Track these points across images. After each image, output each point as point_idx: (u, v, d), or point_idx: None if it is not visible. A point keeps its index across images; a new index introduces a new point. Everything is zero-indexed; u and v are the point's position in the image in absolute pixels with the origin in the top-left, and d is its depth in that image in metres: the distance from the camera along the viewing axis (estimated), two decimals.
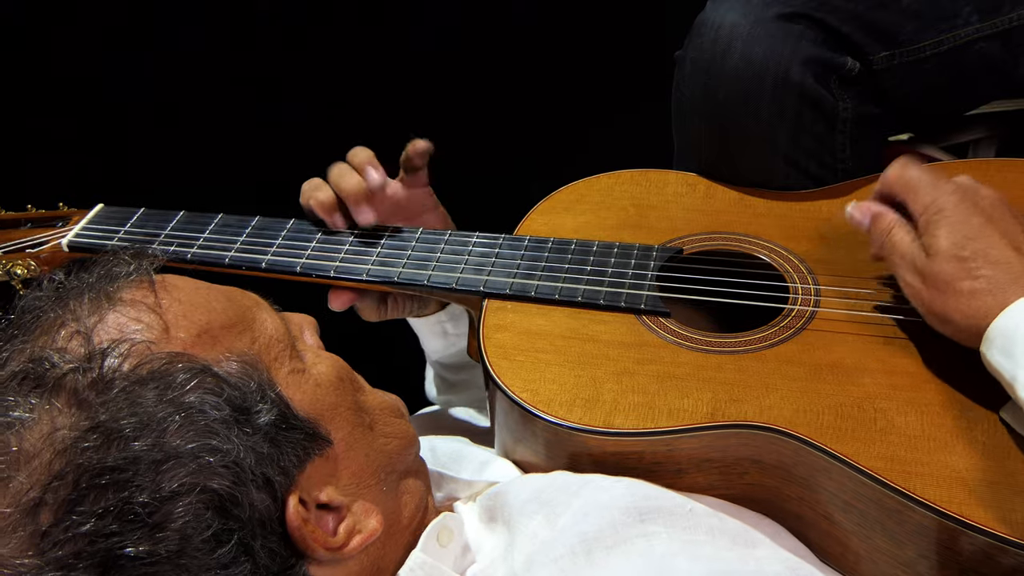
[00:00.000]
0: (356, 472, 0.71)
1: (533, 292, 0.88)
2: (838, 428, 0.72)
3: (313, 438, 0.68)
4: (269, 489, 0.63)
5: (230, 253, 0.96)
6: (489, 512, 0.77)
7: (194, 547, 0.59)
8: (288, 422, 0.66)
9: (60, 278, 0.70)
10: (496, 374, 0.81)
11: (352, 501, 0.69)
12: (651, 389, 0.77)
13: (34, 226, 1.04)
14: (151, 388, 0.62)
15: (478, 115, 1.67)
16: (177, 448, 0.60)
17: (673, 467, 0.76)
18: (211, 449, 0.61)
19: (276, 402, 0.66)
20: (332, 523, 0.68)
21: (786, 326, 0.81)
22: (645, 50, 1.31)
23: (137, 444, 0.59)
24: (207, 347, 0.67)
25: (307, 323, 0.79)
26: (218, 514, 0.60)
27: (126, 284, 0.69)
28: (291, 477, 0.65)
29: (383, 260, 0.94)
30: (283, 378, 0.69)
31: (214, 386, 0.64)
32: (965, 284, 0.70)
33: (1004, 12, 1.02)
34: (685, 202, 0.97)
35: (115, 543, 0.57)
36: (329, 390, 0.72)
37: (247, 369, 0.67)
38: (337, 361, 0.76)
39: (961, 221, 0.73)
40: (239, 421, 0.63)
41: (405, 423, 0.79)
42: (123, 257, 0.71)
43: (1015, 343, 0.66)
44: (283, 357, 0.71)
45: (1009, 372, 0.66)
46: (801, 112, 0.97)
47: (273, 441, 0.64)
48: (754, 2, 0.98)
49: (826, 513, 0.73)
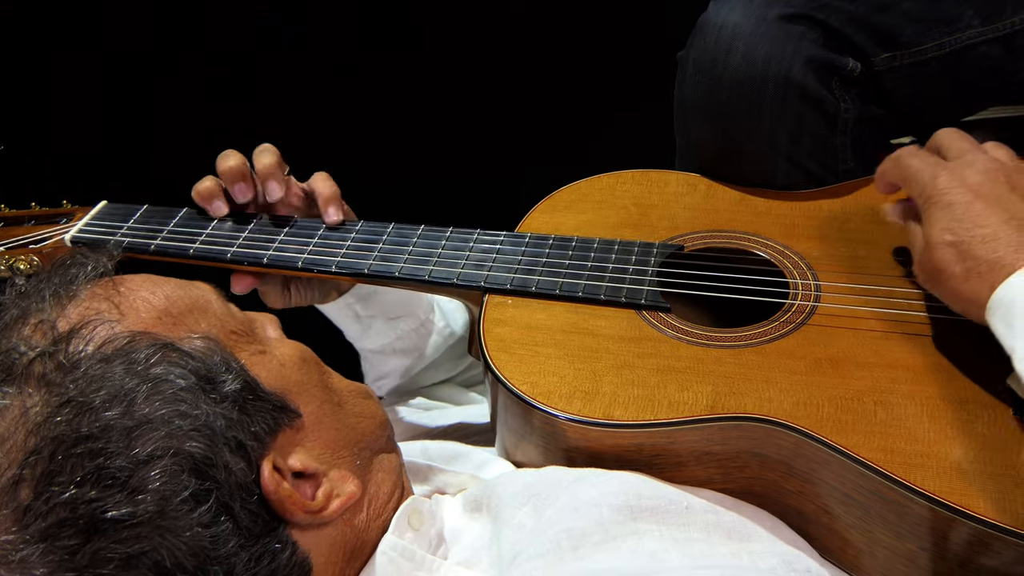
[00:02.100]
0: (328, 443, 0.73)
1: (534, 287, 0.88)
2: (838, 421, 0.72)
3: (282, 410, 0.70)
4: (242, 453, 0.65)
5: (232, 249, 0.96)
6: (474, 503, 0.77)
7: (173, 508, 0.60)
8: (255, 393, 0.68)
9: (21, 282, 0.72)
10: (496, 367, 0.81)
11: (328, 469, 0.71)
12: (651, 382, 0.77)
13: (37, 223, 1.04)
14: (117, 364, 0.64)
15: (481, 114, 1.68)
16: (148, 415, 0.62)
17: (673, 460, 0.76)
18: (181, 414, 0.63)
19: (240, 373, 0.68)
20: (310, 490, 0.69)
21: (786, 321, 0.81)
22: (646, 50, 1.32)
23: (108, 414, 0.61)
24: (168, 328, 0.70)
25: (269, 320, 0.81)
26: (194, 475, 0.62)
27: (84, 282, 0.71)
28: (263, 443, 0.67)
29: (385, 256, 0.94)
30: (246, 359, 0.71)
31: (178, 359, 0.66)
32: (958, 268, 0.70)
33: (1006, 16, 1.02)
34: (686, 201, 0.97)
35: (96, 508, 0.58)
36: (293, 369, 0.74)
37: (210, 344, 0.69)
38: (300, 345, 0.78)
39: (948, 204, 0.72)
40: (205, 390, 0.65)
41: (375, 404, 0.81)
42: (79, 258, 0.74)
43: (1013, 314, 0.65)
44: (243, 341, 0.73)
45: (1008, 343, 0.66)
46: (802, 112, 0.97)
47: (242, 409, 0.66)
48: (756, 3, 0.98)
49: (826, 507, 0.73)
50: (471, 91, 1.68)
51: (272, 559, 0.65)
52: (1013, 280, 0.66)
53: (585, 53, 1.67)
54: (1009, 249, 0.68)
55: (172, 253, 0.97)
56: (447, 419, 1.04)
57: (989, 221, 0.70)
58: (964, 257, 0.70)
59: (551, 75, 1.67)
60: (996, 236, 0.69)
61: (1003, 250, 0.68)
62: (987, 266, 0.68)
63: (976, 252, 0.69)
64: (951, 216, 0.72)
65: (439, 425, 1.02)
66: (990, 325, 0.68)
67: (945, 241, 0.71)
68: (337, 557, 0.70)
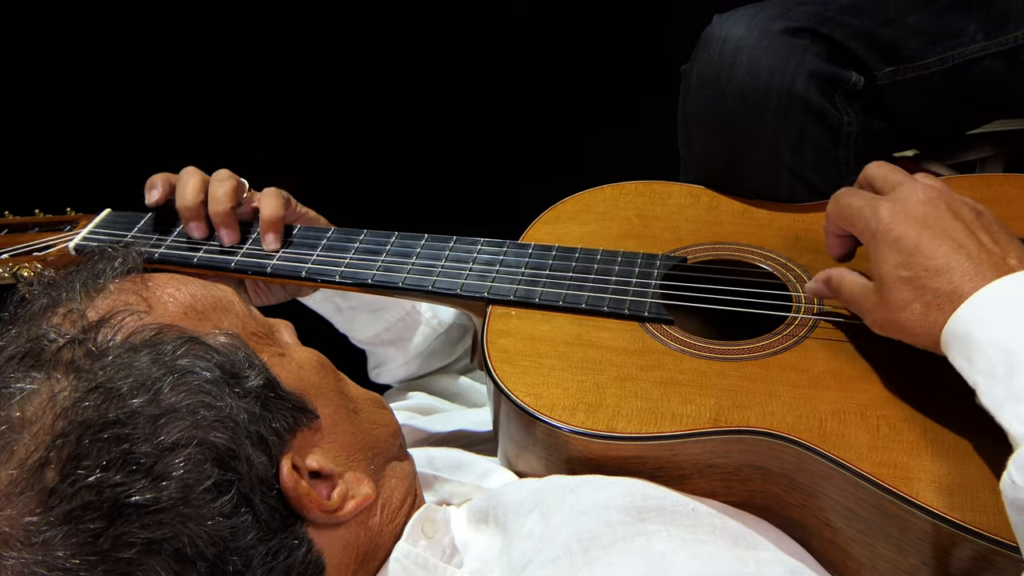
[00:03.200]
0: (344, 446, 0.73)
1: (537, 299, 0.88)
2: (841, 434, 0.72)
3: (301, 410, 0.71)
4: (264, 447, 0.66)
5: (236, 258, 0.97)
6: (480, 514, 0.77)
7: (196, 496, 0.61)
8: (276, 391, 0.69)
9: (51, 273, 0.74)
10: (499, 378, 0.81)
11: (344, 470, 0.72)
12: (654, 394, 0.77)
13: (41, 230, 1.05)
14: (144, 354, 0.65)
15: (485, 126, 1.68)
16: (173, 404, 0.63)
17: (676, 473, 0.76)
18: (205, 405, 0.64)
19: (263, 370, 0.69)
20: (326, 491, 0.70)
21: (789, 334, 0.82)
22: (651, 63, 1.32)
23: (135, 401, 0.62)
24: (194, 322, 0.71)
25: (284, 326, 0.82)
26: (217, 465, 0.63)
27: (113, 275, 0.72)
28: (283, 440, 0.68)
29: (388, 266, 0.94)
30: (267, 359, 0.72)
31: (203, 352, 0.67)
32: (918, 304, 0.69)
33: (1009, 31, 1.03)
34: (689, 213, 0.98)
35: (120, 492, 0.59)
36: (312, 372, 0.75)
37: (234, 341, 0.70)
38: (317, 352, 0.79)
39: (896, 239, 0.71)
40: (229, 384, 0.66)
41: (388, 413, 0.82)
42: (110, 252, 0.75)
43: (970, 347, 0.64)
44: (263, 343, 0.74)
45: (971, 378, 0.65)
46: (805, 125, 0.97)
47: (264, 405, 0.67)
48: (760, 17, 0.99)
49: (828, 520, 0.73)
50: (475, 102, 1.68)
51: (288, 555, 0.66)
52: (961, 312, 0.65)
53: (589, 65, 1.67)
54: (964, 278, 0.67)
55: (176, 262, 0.97)
56: (450, 425, 1.04)
57: (939, 251, 0.69)
58: (921, 292, 0.68)
59: (556, 86, 1.68)
60: (949, 266, 0.68)
61: (958, 279, 0.67)
62: (945, 298, 0.67)
63: (932, 285, 0.68)
64: (901, 251, 0.70)
65: (443, 432, 1.03)
66: (950, 359, 0.67)
67: (900, 277, 0.70)
68: (350, 559, 0.71)
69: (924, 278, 0.68)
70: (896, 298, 0.70)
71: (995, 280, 0.66)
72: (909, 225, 0.71)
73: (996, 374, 0.62)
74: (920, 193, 0.73)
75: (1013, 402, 0.61)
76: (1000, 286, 0.65)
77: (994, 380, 0.62)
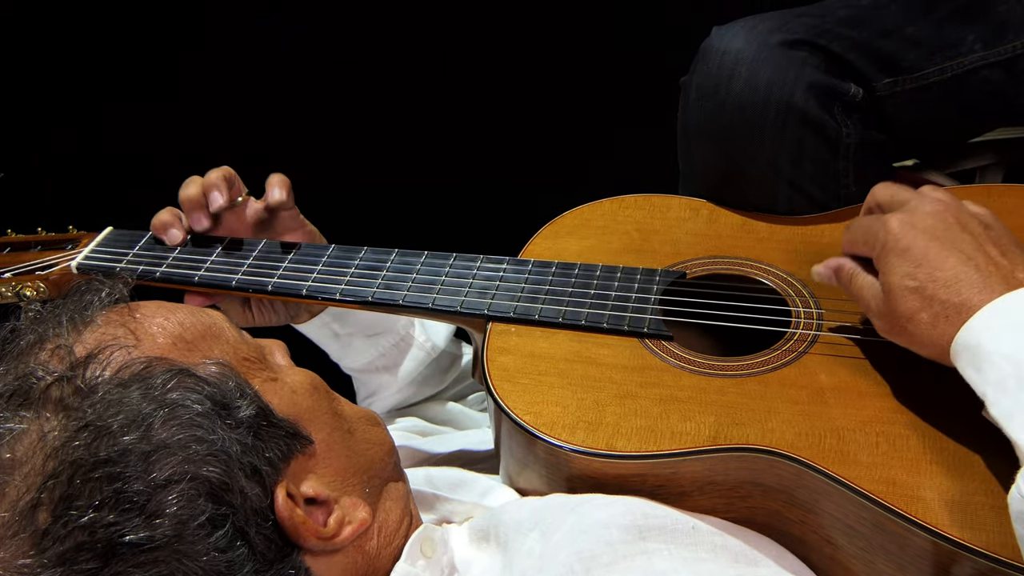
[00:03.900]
0: (339, 471, 0.73)
1: (537, 315, 0.88)
2: (840, 452, 0.72)
3: (294, 436, 0.70)
4: (258, 478, 0.66)
5: (237, 276, 0.97)
6: (481, 532, 0.77)
7: (190, 532, 0.61)
8: (268, 419, 0.69)
9: (37, 307, 0.74)
10: (499, 396, 0.81)
11: (339, 496, 0.72)
12: (654, 412, 0.78)
13: (44, 248, 1.05)
14: (134, 389, 0.64)
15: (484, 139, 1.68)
16: (165, 440, 0.62)
17: (676, 490, 0.76)
18: (197, 439, 0.63)
19: (255, 399, 0.69)
20: (322, 517, 0.70)
21: (788, 350, 0.82)
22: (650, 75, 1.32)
23: (126, 438, 0.61)
24: (183, 354, 0.70)
25: (277, 346, 0.82)
26: (211, 500, 0.62)
27: (100, 308, 0.72)
28: (277, 469, 0.68)
29: (388, 283, 0.94)
30: (259, 385, 0.72)
31: (193, 384, 0.66)
32: (925, 314, 0.69)
33: (1008, 40, 1.03)
34: (688, 226, 0.98)
35: (114, 532, 0.59)
36: (305, 396, 0.75)
37: (224, 370, 0.69)
38: (310, 373, 0.79)
39: (904, 250, 0.71)
40: (221, 415, 0.66)
41: (382, 430, 0.81)
42: (95, 284, 0.74)
43: (980, 358, 0.65)
44: (255, 368, 0.74)
45: (980, 389, 0.65)
46: (804, 137, 0.97)
47: (256, 435, 0.67)
48: (759, 29, 0.99)
49: (828, 537, 0.73)
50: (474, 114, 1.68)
51: None
52: (973, 323, 0.66)
53: (588, 78, 1.67)
54: (973, 291, 0.68)
55: (177, 280, 0.98)
56: (449, 446, 1.04)
57: (948, 263, 0.69)
58: (930, 302, 0.69)
59: (555, 99, 1.68)
60: (957, 278, 0.69)
61: (967, 292, 0.68)
62: (954, 309, 0.68)
63: (940, 296, 0.69)
64: (909, 261, 0.71)
65: (442, 452, 1.03)
66: (959, 369, 0.68)
67: (907, 287, 0.70)
68: None
69: (932, 289, 0.69)
70: (903, 308, 0.71)
71: (1005, 293, 0.66)
72: (917, 236, 0.72)
73: (1006, 386, 0.63)
74: (929, 205, 0.74)
75: (1022, 413, 0.62)
76: (1011, 299, 0.66)
77: (1004, 391, 0.63)
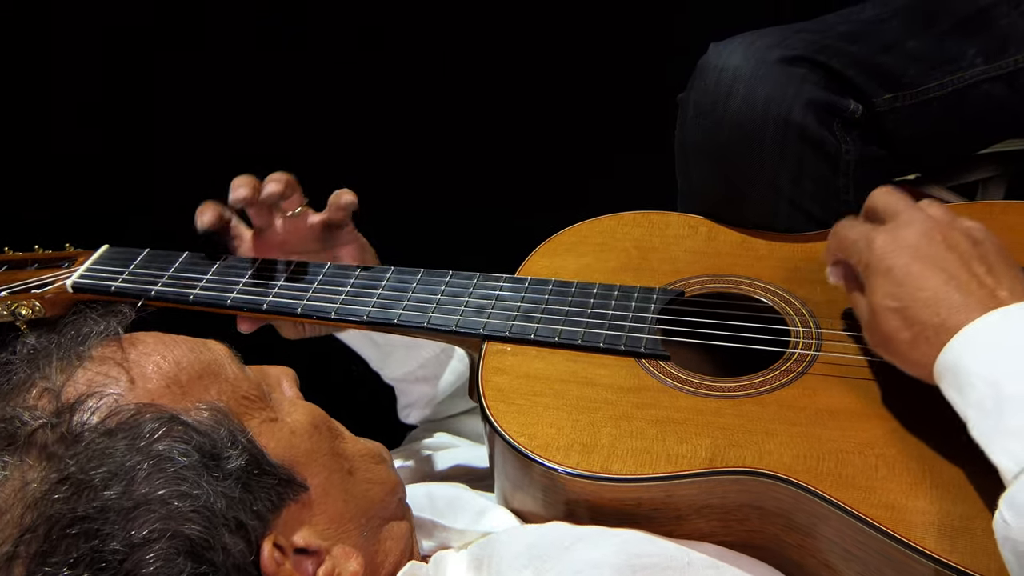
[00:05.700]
0: (334, 517, 0.71)
1: (533, 335, 0.87)
2: (838, 475, 0.71)
3: (288, 484, 0.69)
4: (242, 533, 0.64)
5: (232, 294, 0.96)
6: (476, 561, 0.76)
7: None
8: (260, 467, 0.67)
9: (32, 342, 0.72)
10: (494, 418, 0.80)
11: (331, 545, 0.70)
12: (650, 434, 0.77)
13: (40, 267, 1.04)
14: (120, 439, 0.63)
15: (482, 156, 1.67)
16: (147, 495, 0.61)
17: (672, 513, 0.75)
18: (181, 495, 0.62)
19: (247, 447, 0.67)
20: (311, 567, 0.68)
21: (787, 370, 0.81)
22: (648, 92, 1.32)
23: (107, 493, 0.60)
24: (176, 397, 0.68)
25: (285, 375, 0.80)
26: (190, 559, 0.60)
27: (95, 342, 0.70)
28: (265, 521, 0.66)
29: (383, 302, 0.94)
30: (255, 427, 0.70)
31: (183, 433, 0.65)
32: (906, 334, 0.70)
33: (1010, 54, 1.02)
34: (687, 244, 0.97)
35: None
36: (304, 437, 0.73)
37: (217, 416, 0.68)
38: (314, 409, 0.76)
39: (887, 269, 0.72)
40: (208, 467, 0.64)
41: (387, 469, 0.79)
42: (91, 316, 0.73)
43: (960, 380, 0.65)
44: (254, 408, 0.72)
45: (962, 411, 0.65)
46: (803, 154, 0.97)
47: (245, 486, 0.65)
48: (757, 45, 0.98)
49: (826, 561, 0.72)
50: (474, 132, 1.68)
51: None
52: (954, 344, 0.66)
53: (587, 95, 1.66)
54: (952, 311, 0.67)
55: (172, 299, 0.97)
56: (456, 460, 1.03)
57: (929, 284, 0.69)
58: (910, 323, 0.69)
59: (553, 116, 1.67)
60: (937, 299, 0.69)
61: (946, 312, 0.68)
62: (933, 330, 0.68)
63: (920, 316, 0.69)
64: (891, 281, 0.71)
65: (446, 468, 1.02)
66: (942, 391, 0.68)
67: (889, 307, 0.71)
68: None
69: (913, 309, 0.69)
70: (885, 327, 0.71)
71: (985, 313, 0.66)
72: (900, 255, 0.72)
73: (985, 407, 0.63)
74: (917, 224, 0.73)
75: (1002, 436, 0.62)
76: (990, 319, 0.66)
77: (984, 414, 0.63)
